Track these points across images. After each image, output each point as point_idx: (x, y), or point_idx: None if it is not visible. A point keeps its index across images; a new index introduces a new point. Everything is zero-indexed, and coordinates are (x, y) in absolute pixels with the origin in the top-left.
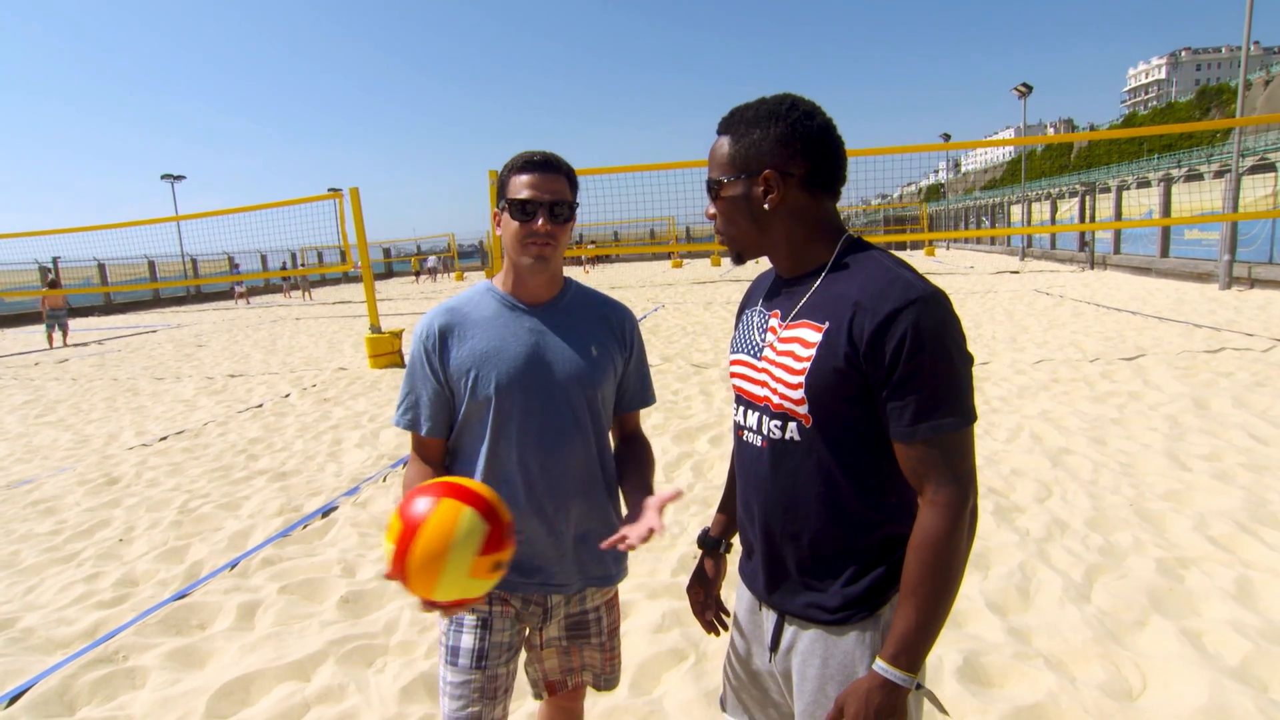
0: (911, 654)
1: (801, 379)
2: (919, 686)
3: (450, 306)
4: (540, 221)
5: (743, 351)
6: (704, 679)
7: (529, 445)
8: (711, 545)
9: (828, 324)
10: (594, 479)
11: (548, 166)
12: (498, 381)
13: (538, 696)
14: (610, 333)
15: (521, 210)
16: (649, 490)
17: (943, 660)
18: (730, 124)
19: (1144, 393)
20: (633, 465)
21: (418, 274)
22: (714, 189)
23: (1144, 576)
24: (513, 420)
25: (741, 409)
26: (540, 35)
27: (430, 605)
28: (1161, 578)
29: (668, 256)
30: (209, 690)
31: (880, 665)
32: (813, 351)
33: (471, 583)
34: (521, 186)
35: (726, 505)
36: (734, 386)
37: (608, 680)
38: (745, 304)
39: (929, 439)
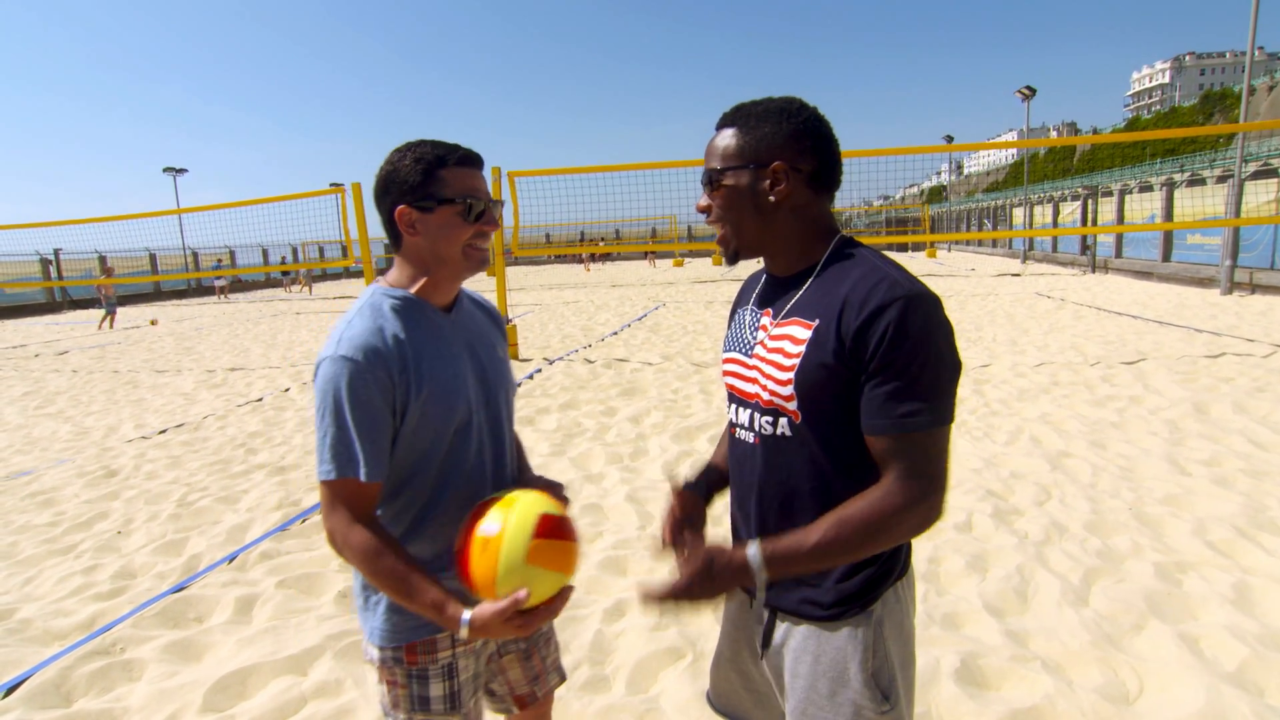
0: (784, 566)
1: (791, 375)
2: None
3: (378, 326)
4: (492, 220)
5: (735, 350)
6: (701, 678)
7: (487, 462)
8: (689, 486)
9: (817, 321)
10: (514, 480)
11: (481, 162)
12: (459, 403)
13: (505, 712)
14: (498, 330)
15: (477, 212)
16: (534, 480)
17: (940, 662)
18: (737, 117)
19: (1144, 397)
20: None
21: None
22: (715, 179)
23: (1142, 581)
24: (472, 440)
25: (734, 406)
26: (542, 32)
27: (521, 619)
28: (1160, 582)
29: (666, 256)
30: (206, 683)
31: (754, 550)
32: (802, 348)
33: (534, 572)
34: (468, 185)
35: (714, 466)
36: (726, 385)
37: (561, 670)
38: (737, 304)
39: (894, 434)
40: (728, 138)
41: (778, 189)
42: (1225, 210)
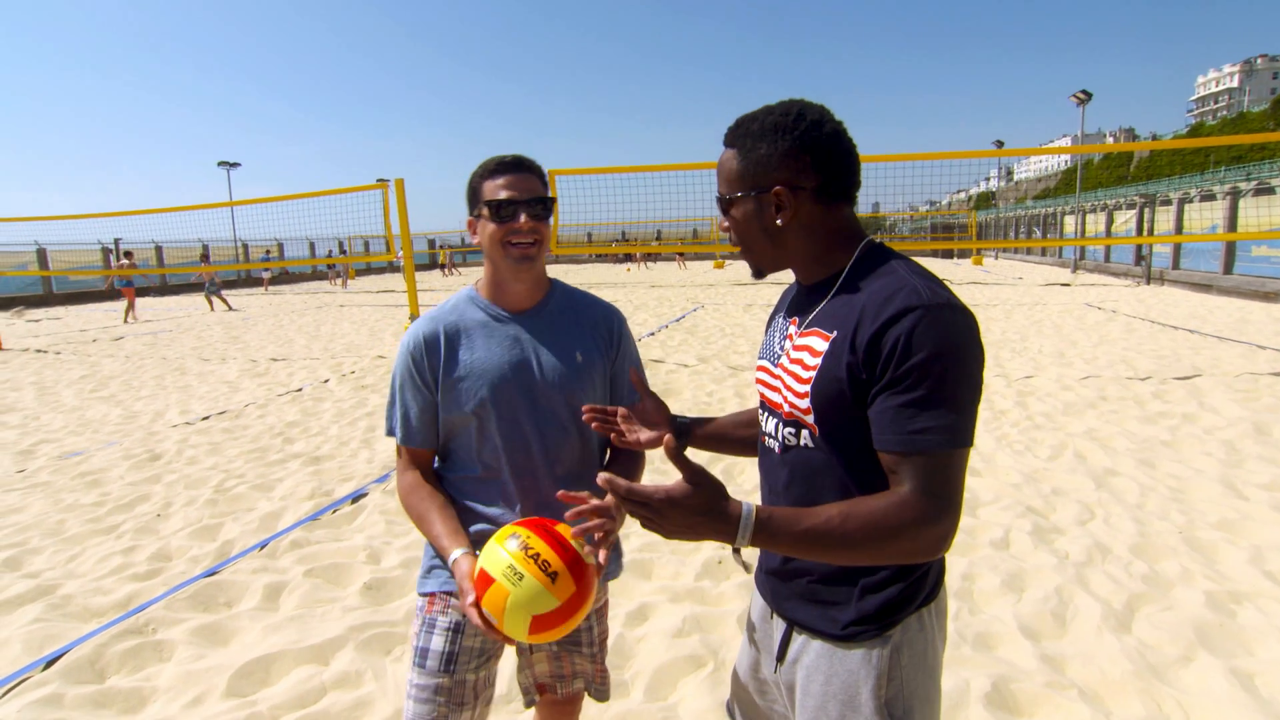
0: (770, 538)
1: (808, 387)
2: (737, 551)
3: (434, 316)
4: (522, 219)
5: (765, 358)
6: (721, 688)
7: (519, 453)
8: (679, 419)
9: (835, 333)
10: (586, 483)
11: (520, 167)
12: (484, 394)
13: (530, 704)
14: (595, 335)
15: (500, 211)
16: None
17: (969, 684)
18: (736, 136)
19: (1199, 415)
20: (618, 469)
21: (443, 266)
22: (724, 205)
23: (1191, 609)
24: (499, 431)
25: (763, 415)
26: (591, 32)
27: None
28: (1211, 612)
29: (696, 258)
30: (231, 668)
31: (748, 508)
32: (819, 360)
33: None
34: (497, 188)
35: (731, 420)
36: (758, 393)
37: (600, 691)
38: (775, 311)
39: (904, 451)
40: (730, 161)
41: (781, 213)
42: None
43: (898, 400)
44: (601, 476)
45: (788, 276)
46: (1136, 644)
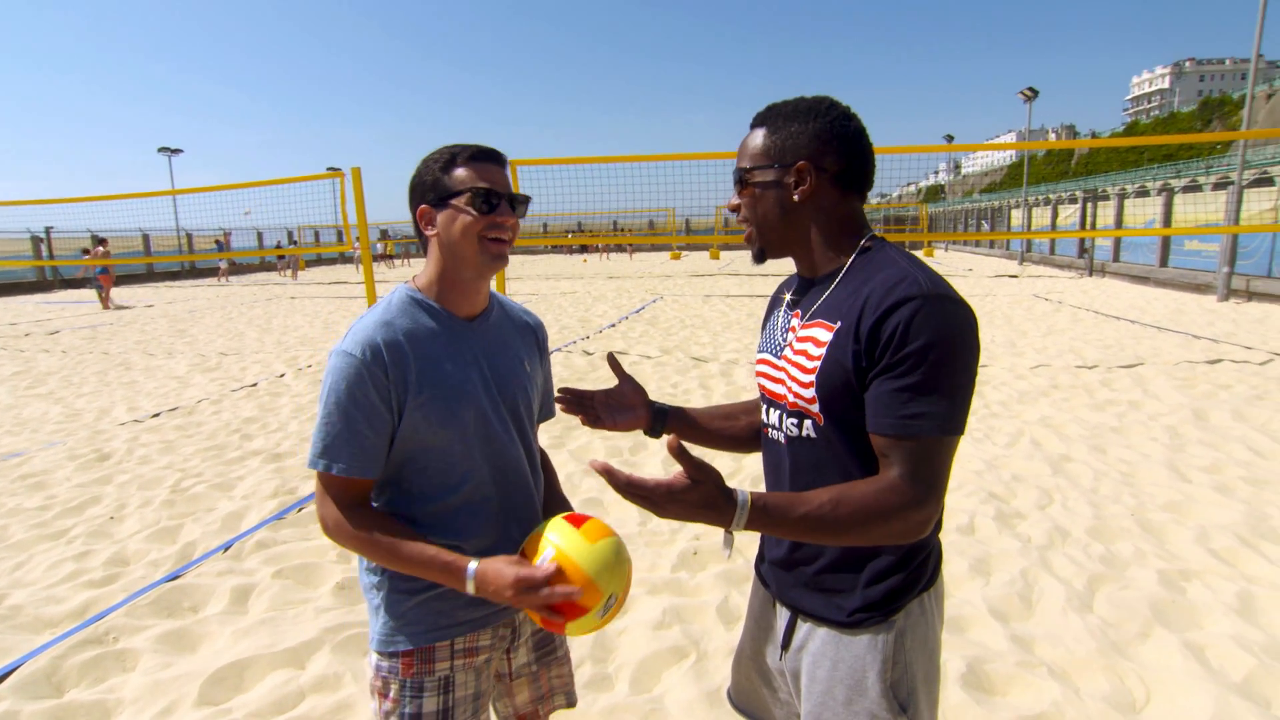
0: (765, 523)
1: (812, 378)
2: (729, 532)
3: (387, 321)
4: (506, 213)
5: (767, 351)
6: (705, 678)
7: (494, 471)
8: (659, 408)
9: (839, 324)
10: (535, 494)
11: (500, 159)
12: (462, 411)
13: None
14: (529, 344)
15: (486, 201)
16: (563, 501)
17: (946, 666)
18: (767, 117)
19: (1143, 402)
20: (545, 480)
21: (390, 257)
22: (744, 177)
23: (1146, 588)
24: (476, 449)
25: (765, 407)
26: (544, 21)
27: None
28: (1164, 589)
29: (647, 249)
30: (202, 675)
31: (744, 497)
32: (824, 351)
33: (602, 547)
34: (478, 177)
35: (708, 412)
36: (759, 385)
37: (571, 694)
38: (773, 304)
39: (897, 435)
40: (757, 138)
41: (801, 188)
42: (1224, 217)
43: (893, 385)
44: (598, 464)
45: (774, 272)
46: (1099, 622)
